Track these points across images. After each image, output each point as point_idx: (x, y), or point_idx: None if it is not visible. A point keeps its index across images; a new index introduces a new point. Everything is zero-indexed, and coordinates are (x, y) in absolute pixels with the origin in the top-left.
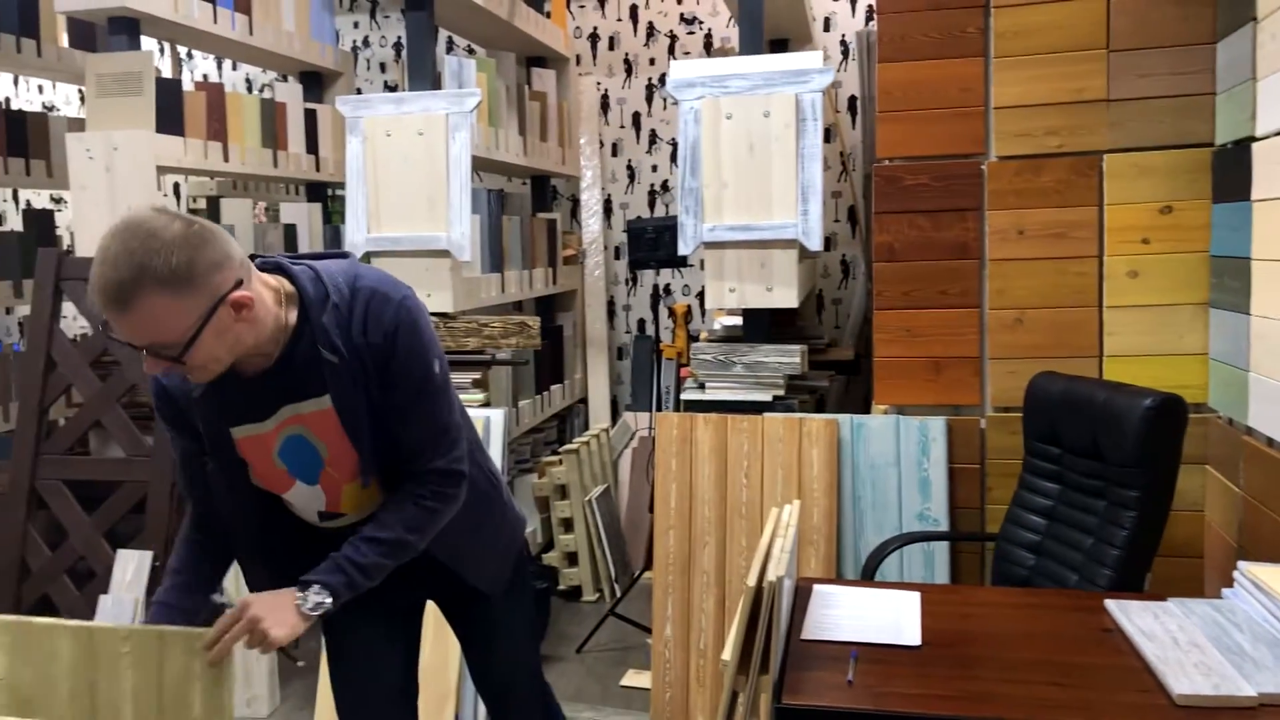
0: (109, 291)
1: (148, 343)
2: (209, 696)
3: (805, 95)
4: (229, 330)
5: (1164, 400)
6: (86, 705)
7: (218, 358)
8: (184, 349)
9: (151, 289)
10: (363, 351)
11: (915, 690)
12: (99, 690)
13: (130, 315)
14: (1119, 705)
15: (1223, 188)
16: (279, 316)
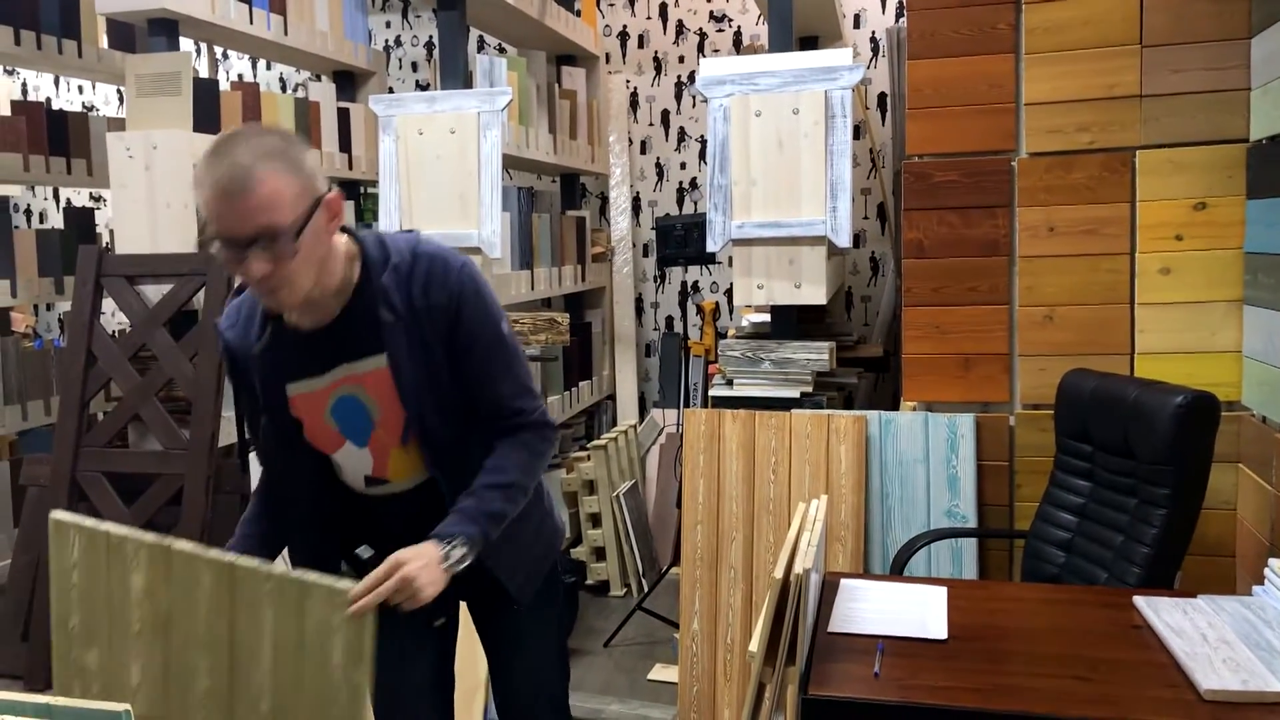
0: (226, 179)
1: (262, 226)
2: (350, 647)
3: (835, 92)
4: (322, 239)
5: (1195, 398)
6: (225, 633)
7: (307, 271)
8: (295, 235)
9: (269, 167)
10: (423, 313)
11: (941, 683)
12: (238, 623)
13: (248, 197)
14: (1146, 700)
15: (1258, 184)
16: (345, 270)
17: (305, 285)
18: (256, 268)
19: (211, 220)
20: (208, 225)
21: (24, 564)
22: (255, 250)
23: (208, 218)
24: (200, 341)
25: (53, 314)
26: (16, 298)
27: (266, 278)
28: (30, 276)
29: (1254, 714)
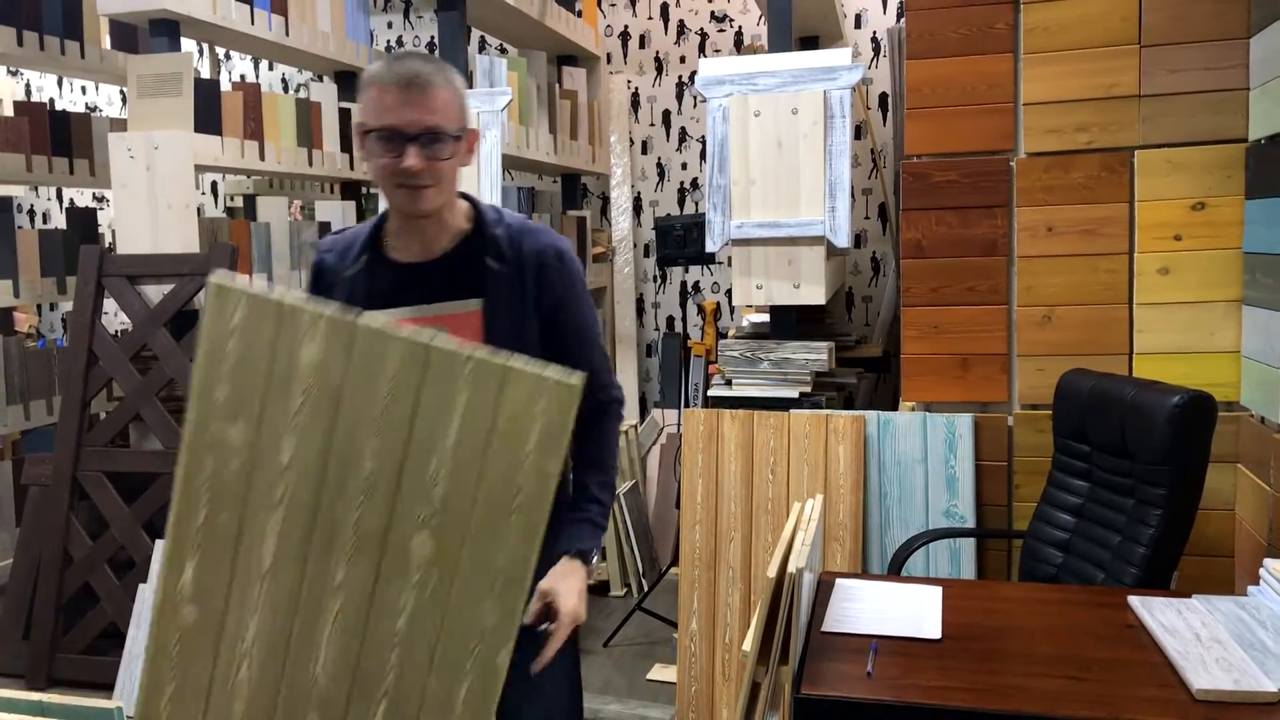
0: (411, 76)
1: (431, 125)
2: (548, 434)
3: (834, 92)
4: (462, 162)
5: (1193, 398)
6: (405, 416)
7: (450, 182)
8: (457, 136)
9: (447, 81)
10: (529, 270)
11: (934, 682)
12: (422, 406)
13: (429, 95)
14: (1139, 700)
15: (1256, 183)
16: (459, 216)
17: (444, 196)
18: (414, 160)
19: (381, 113)
20: (374, 119)
21: (25, 563)
22: (417, 145)
23: (378, 111)
24: None
25: (55, 314)
26: (19, 298)
27: (421, 171)
28: (33, 277)
29: (1246, 713)
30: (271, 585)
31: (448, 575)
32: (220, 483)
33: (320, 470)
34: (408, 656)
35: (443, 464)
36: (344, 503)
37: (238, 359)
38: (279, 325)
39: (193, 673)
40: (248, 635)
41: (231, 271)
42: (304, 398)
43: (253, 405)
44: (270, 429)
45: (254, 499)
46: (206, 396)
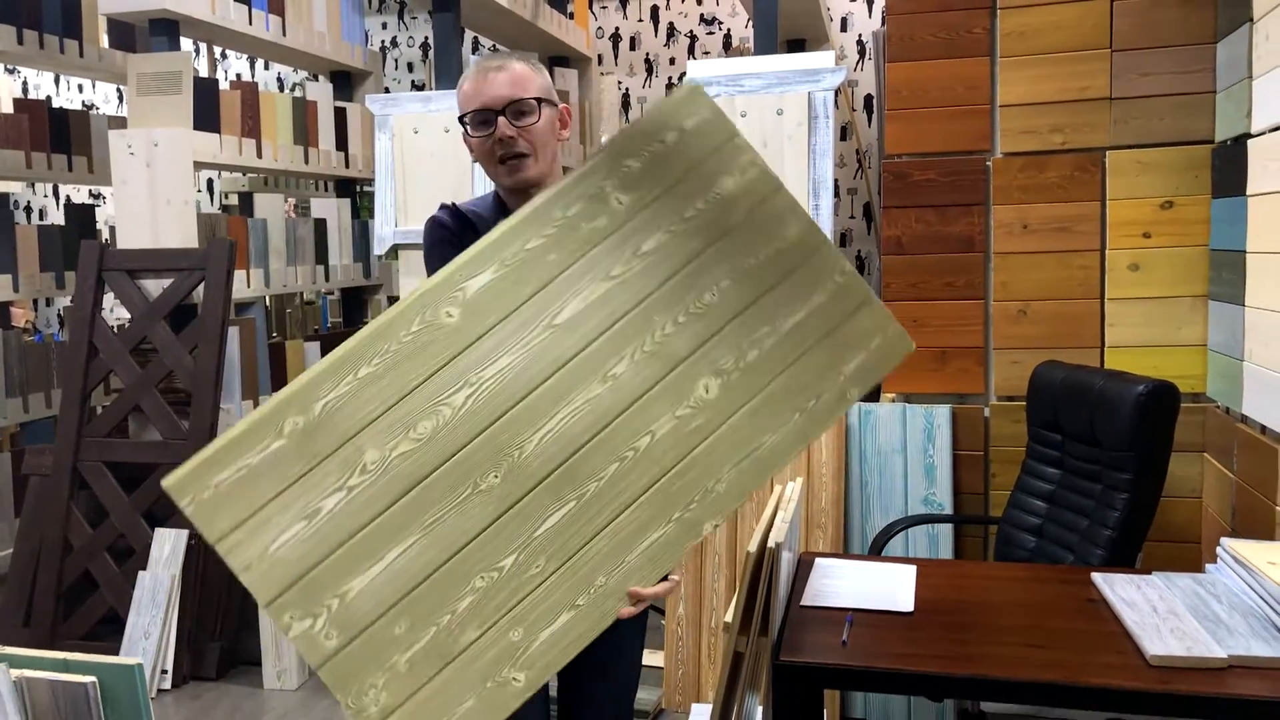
0: (487, 64)
1: (512, 97)
2: (865, 370)
3: (817, 94)
4: (554, 135)
5: (1156, 387)
6: (768, 279)
7: (544, 150)
8: (540, 102)
9: (524, 60)
10: None
11: (905, 650)
12: (791, 279)
13: (507, 72)
14: (1096, 665)
15: (1221, 183)
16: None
17: (543, 164)
18: (505, 129)
19: (469, 101)
20: (465, 106)
21: (26, 551)
22: (504, 117)
23: (466, 100)
24: (200, 334)
25: (52, 309)
26: (18, 292)
27: (514, 138)
28: (32, 271)
29: (1197, 678)
30: (554, 336)
31: (711, 427)
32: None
33: (671, 274)
34: (624, 477)
35: (770, 336)
36: (674, 309)
37: (667, 150)
38: (719, 148)
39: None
40: (495, 365)
41: None
42: (697, 213)
43: (652, 189)
44: (659, 215)
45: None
46: (616, 161)
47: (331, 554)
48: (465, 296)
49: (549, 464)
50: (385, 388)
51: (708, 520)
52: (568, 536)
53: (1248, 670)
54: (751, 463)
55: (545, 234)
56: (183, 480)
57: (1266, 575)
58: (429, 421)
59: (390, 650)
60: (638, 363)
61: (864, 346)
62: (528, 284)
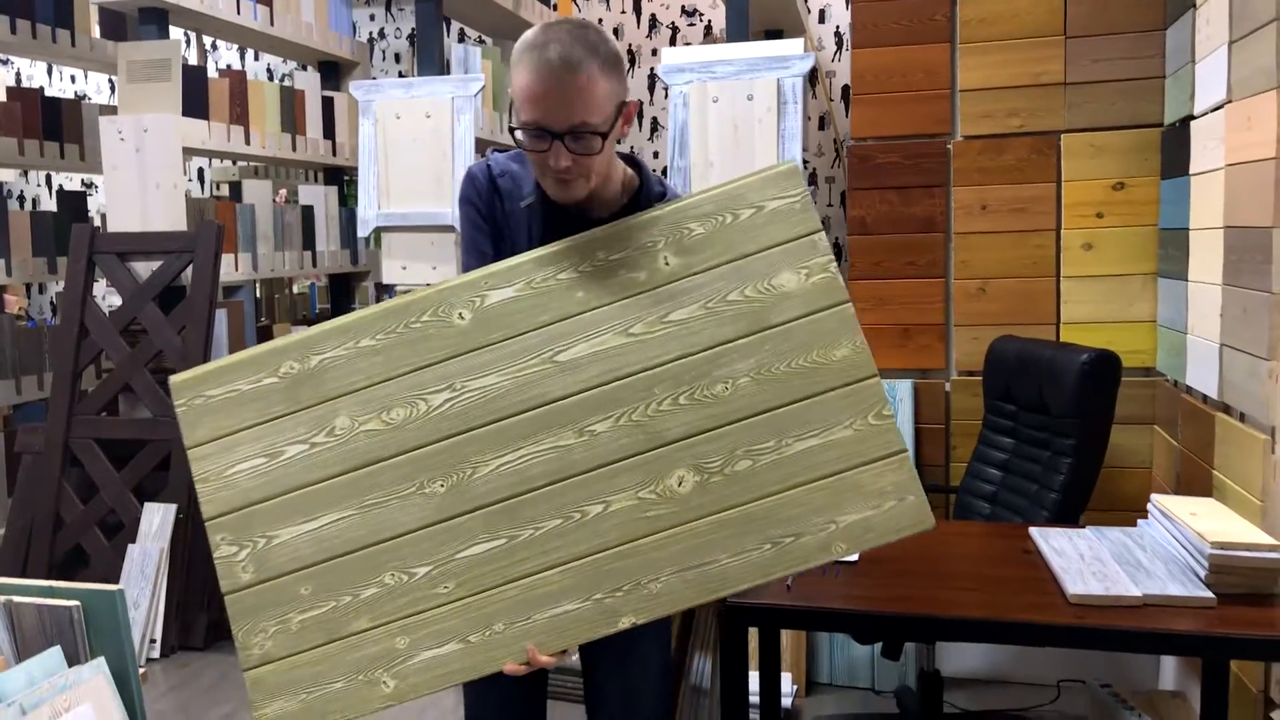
0: (556, 62)
1: (579, 122)
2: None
3: (786, 80)
4: (615, 138)
5: (1099, 355)
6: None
7: (602, 171)
8: (606, 133)
9: (597, 67)
10: None
11: (846, 593)
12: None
13: (574, 85)
14: (1022, 604)
15: (1169, 164)
16: (620, 186)
17: (595, 184)
18: (563, 159)
19: (530, 105)
20: (523, 110)
21: (18, 527)
22: (563, 144)
23: (526, 100)
24: (188, 315)
25: (45, 297)
26: (11, 276)
27: (568, 169)
28: (24, 256)
29: (1112, 614)
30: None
31: (669, 522)
32: None
33: (691, 351)
34: (561, 536)
35: (771, 453)
36: (680, 388)
37: (738, 225)
38: (793, 240)
39: None
40: (484, 379)
41: None
42: (743, 299)
43: (706, 260)
44: (702, 288)
45: None
46: (679, 220)
47: (275, 497)
48: (482, 304)
49: (495, 494)
50: (377, 364)
51: (628, 615)
52: (484, 571)
53: (1161, 609)
54: (697, 576)
55: (581, 270)
56: (185, 383)
57: (1187, 524)
58: (403, 410)
59: (290, 606)
60: (621, 428)
61: (874, 504)
62: (545, 312)
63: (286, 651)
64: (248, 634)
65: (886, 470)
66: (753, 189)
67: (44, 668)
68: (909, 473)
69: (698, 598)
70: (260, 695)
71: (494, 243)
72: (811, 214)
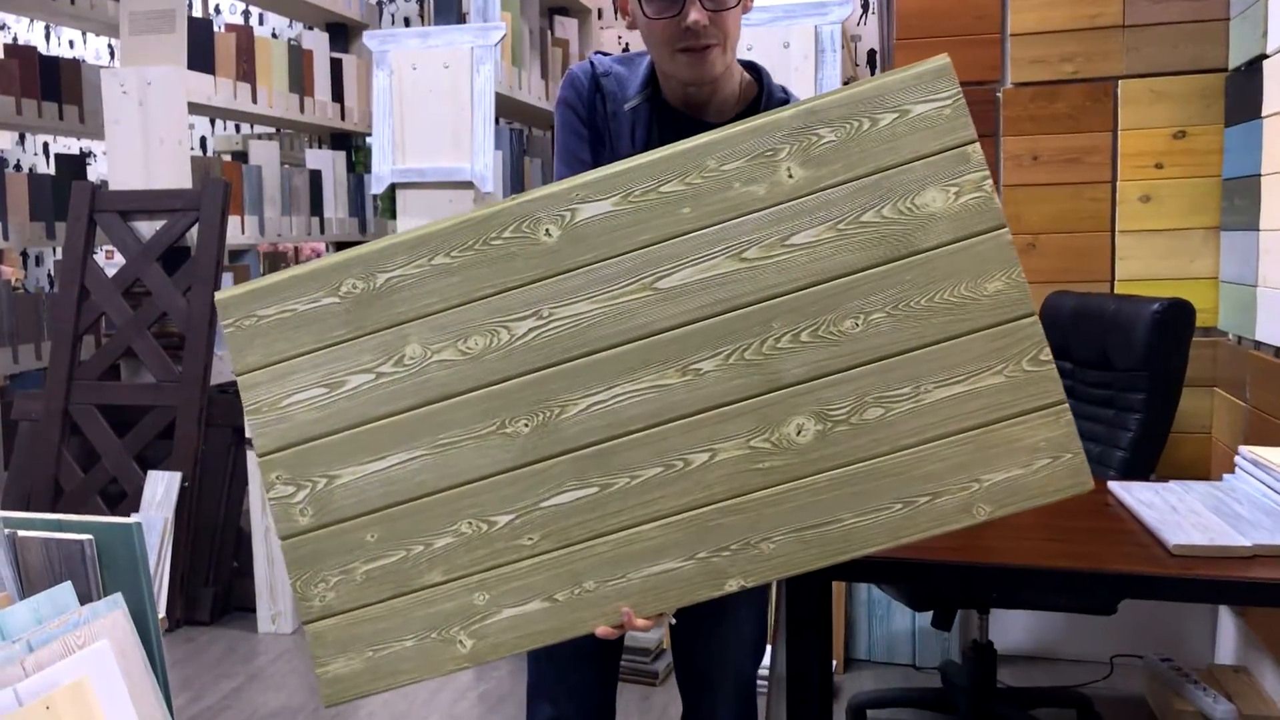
0: None
1: None
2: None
3: (824, 26)
4: (740, 16)
5: (1171, 304)
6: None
7: (734, 39)
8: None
9: None
10: None
11: (925, 543)
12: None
13: None
14: (1118, 554)
15: (1235, 110)
16: (740, 83)
17: (729, 55)
18: (697, 14)
19: None
20: None
21: (16, 496)
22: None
23: None
24: (194, 275)
25: (42, 269)
26: (8, 240)
27: (705, 28)
28: (22, 220)
29: (1219, 565)
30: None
31: (785, 476)
32: None
33: (817, 280)
34: (661, 487)
35: (908, 400)
36: (802, 323)
37: (877, 132)
38: (943, 152)
39: None
40: (574, 306)
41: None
42: (881, 220)
43: (837, 172)
44: (832, 206)
45: None
46: (808, 124)
47: (336, 433)
48: (572, 219)
49: (586, 436)
50: (453, 285)
51: (736, 577)
52: (574, 522)
53: (1273, 560)
54: (816, 537)
55: (689, 181)
56: (232, 300)
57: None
58: (483, 339)
59: (354, 554)
60: (732, 367)
61: (1024, 463)
62: (646, 230)
63: (351, 604)
64: (306, 584)
65: (1042, 424)
66: (896, 90)
67: (54, 603)
68: (1068, 426)
69: (816, 561)
70: (322, 651)
71: (593, 150)
72: (965, 120)
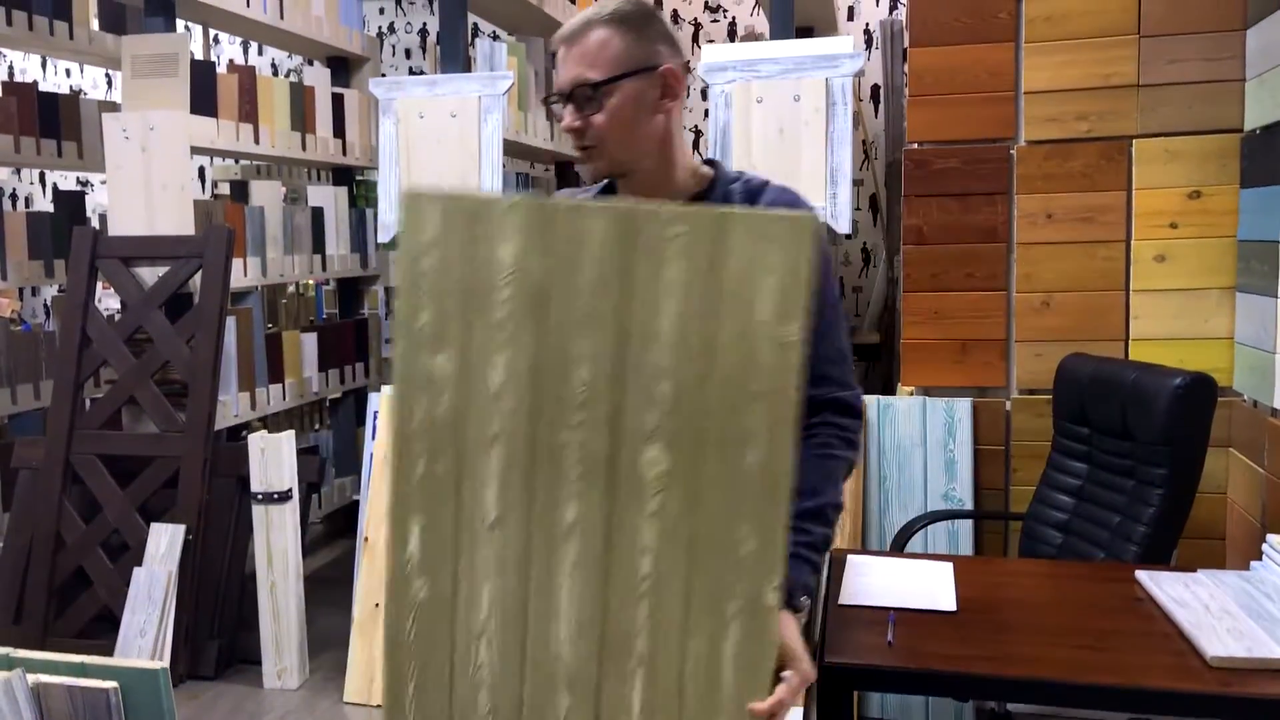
0: (568, 27)
1: (576, 75)
2: (784, 296)
3: (835, 80)
4: (648, 111)
5: (1194, 379)
6: (614, 302)
7: (618, 136)
8: (603, 85)
9: (605, 22)
10: None
11: (954, 651)
12: (635, 287)
13: (573, 44)
14: (1156, 667)
15: (1252, 173)
16: (693, 177)
17: (617, 153)
18: (568, 118)
19: (556, 75)
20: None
21: (16, 546)
22: (571, 103)
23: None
24: (197, 323)
25: (38, 299)
26: (7, 280)
27: (576, 132)
28: (20, 259)
29: (1259, 679)
30: (500, 540)
31: (690, 495)
32: (434, 425)
33: (533, 391)
34: (658, 608)
35: (664, 353)
36: (562, 425)
37: (436, 276)
38: (474, 224)
39: (433, 661)
40: (482, 606)
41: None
42: (508, 306)
43: (456, 327)
44: (477, 351)
45: (469, 438)
46: (408, 326)
47: None
48: (419, 561)
49: (590, 657)
50: None
51: (767, 587)
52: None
53: None
54: (758, 496)
55: (421, 452)
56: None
57: None
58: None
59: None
60: (578, 494)
61: (765, 269)
62: (446, 514)
63: None
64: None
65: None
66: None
67: None
68: None
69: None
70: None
71: None
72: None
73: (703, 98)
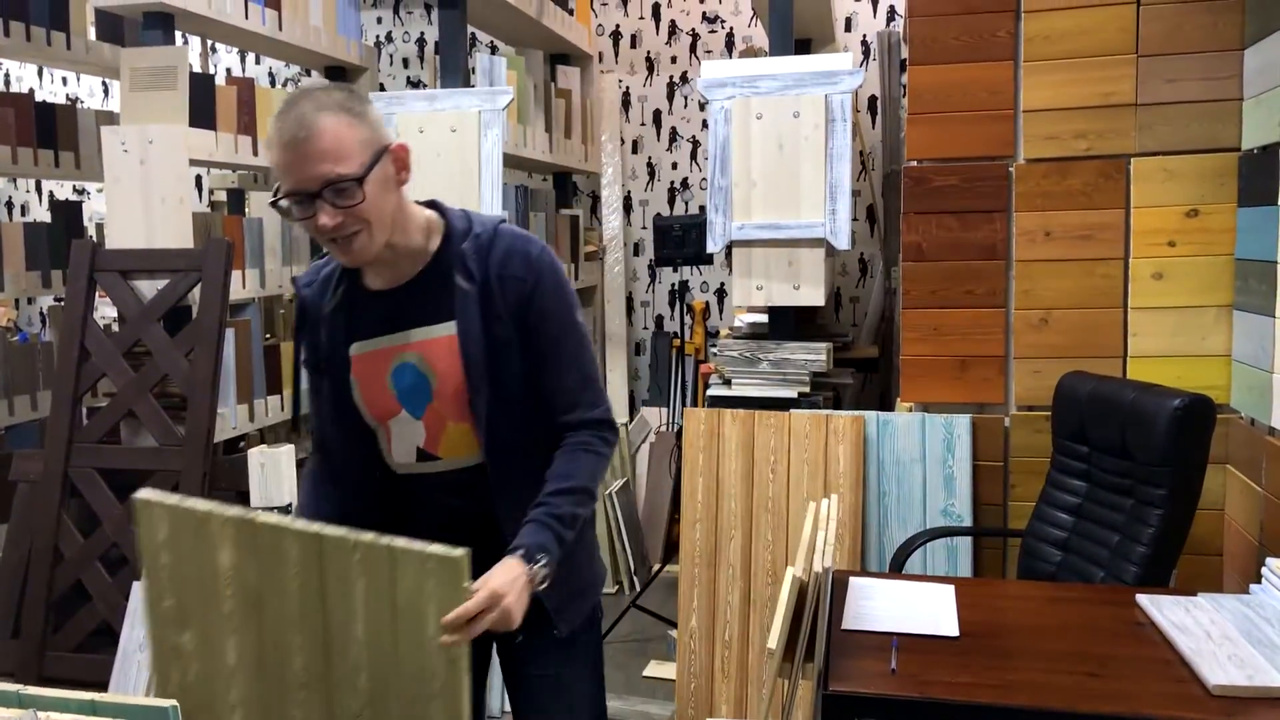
0: (292, 132)
1: (327, 172)
2: (444, 615)
3: (835, 96)
4: (390, 190)
5: (1193, 401)
6: (317, 608)
7: (378, 221)
8: (361, 179)
9: (329, 112)
10: (497, 285)
11: (958, 679)
12: (329, 597)
13: (311, 142)
14: (1156, 695)
15: (1249, 192)
16: (425, 236)
17: (377, 238)
18: (326, 218)
19: (282, 175)
20: (282, 183)
21: (14, 560)
22: (323, 201)
23: (280, 174)
24: (196, 337)
25: (34, 308)
26: (4, 291)
27: (337, 227)
28: (17, 269)
29: (1260, 708)
30: None
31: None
32: (187, 691)
33: (261, 669)
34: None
35: (360, 653)
36: (290, 701)
37: (173, 569)
38: (195, 534)
39: None
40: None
41: (157, 491)
42: (232, 601)
43: (196, 612)
44: (213, 634)
45: (217, 704)
46: (156, 608)
47: None
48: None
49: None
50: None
51: None
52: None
53: None
54: None
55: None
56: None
57: None
58: None
59: None
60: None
61: (426, 595)
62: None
63: None
64: None
65: None
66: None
67: None
68: None
69: None
70: None
71: (325, 370)
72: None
73: (700, 109)
